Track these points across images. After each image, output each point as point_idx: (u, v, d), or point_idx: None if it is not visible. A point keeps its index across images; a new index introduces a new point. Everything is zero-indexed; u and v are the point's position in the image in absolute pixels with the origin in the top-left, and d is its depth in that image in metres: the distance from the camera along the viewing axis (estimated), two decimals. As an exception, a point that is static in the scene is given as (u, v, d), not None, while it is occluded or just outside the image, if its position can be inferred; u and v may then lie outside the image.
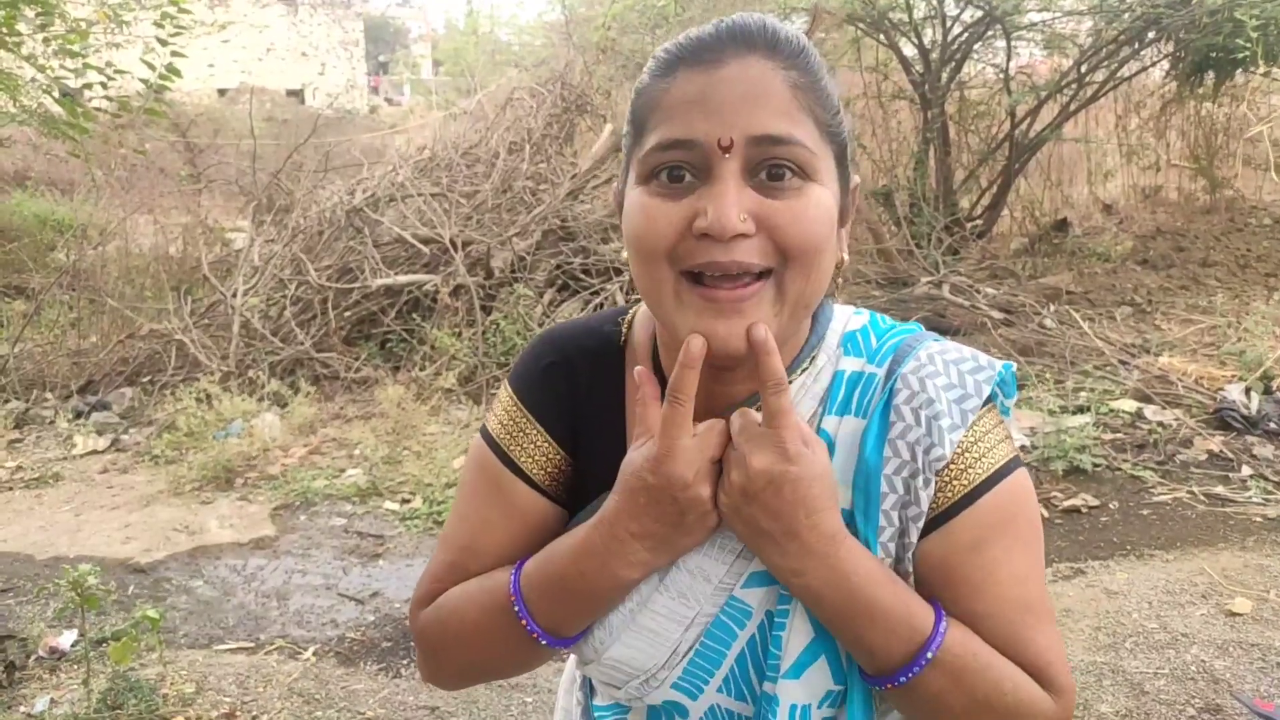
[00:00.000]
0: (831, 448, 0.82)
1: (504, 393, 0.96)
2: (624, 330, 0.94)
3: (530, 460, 0.92)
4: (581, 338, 0.94)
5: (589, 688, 1.00)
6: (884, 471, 0.80)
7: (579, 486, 0.92)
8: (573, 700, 1.04)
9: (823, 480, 0.76)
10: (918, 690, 0.78)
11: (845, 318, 0.90)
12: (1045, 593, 0.84)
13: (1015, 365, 0.88)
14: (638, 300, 0.91)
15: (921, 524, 0.80)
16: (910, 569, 0.82)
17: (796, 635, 0.81)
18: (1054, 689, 0.81)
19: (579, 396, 0.92)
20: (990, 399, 0.83)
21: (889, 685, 0.79)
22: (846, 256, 0.84)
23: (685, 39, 0.79)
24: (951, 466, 0.80)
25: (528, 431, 0.92)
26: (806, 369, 0.85)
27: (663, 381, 0.83)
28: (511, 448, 0.92)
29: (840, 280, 0.86)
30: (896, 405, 0.81)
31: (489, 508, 0.93)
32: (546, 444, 0.92)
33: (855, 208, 0.86)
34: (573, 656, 1.02)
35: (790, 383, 0.82)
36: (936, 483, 0.79)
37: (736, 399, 0.84)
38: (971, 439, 0.81)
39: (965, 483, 0.80)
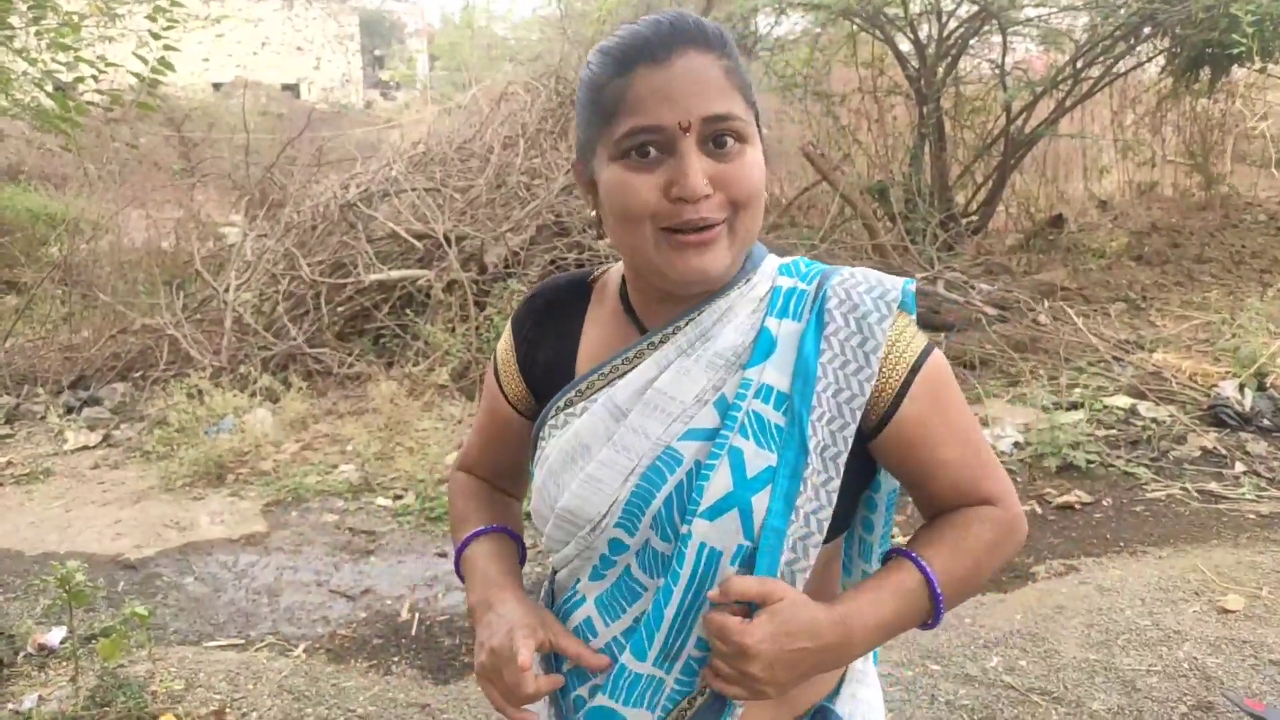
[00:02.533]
0: (773, 344, 1.02)
1: (506, 331, 1.22)
2: (594, 272, 1.20)
3: (510, 388, 1.20)
4: (562, 278, 1.22)
5: (550, 592, 1.19)
6: (820, 359, 1.00)
7: (542, 403, 1.16)
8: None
9: (796, 625, 0.96)
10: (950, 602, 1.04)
11: (777, 258, 1.13)
12: (985, 439, 1.11)
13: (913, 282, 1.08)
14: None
15: (858, 408, 0.99)
16: (842, 448, 0.99)
17: (718, 481, 0.98)
18: (1004, 505, 1.07)
19: (549, 316, 1.18)
20: (904, 300, 1.05)
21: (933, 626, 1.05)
22: (763, 193, 1.05)
23: (634, 37, 0.97)
24: (889, 353, 1.01)
25: (510, 363, 1.19)
26: (744, 284, 1.05)
27: (629, 310, 1.10)
28: (503, 377, 1.20)
29: (768, 217, 1.05)
30: (829, 309, 1.02)
31: (487, 416, 1.26)
32: (519, 379, 1.18)
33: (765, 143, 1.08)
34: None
35: (729, 292, 1.04)
36: (881, 372, 1.00)
37: (680, 308, 1.05)
38: (895, 333, 1.02)
39: (907, 361, 1.02)
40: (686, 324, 1.04)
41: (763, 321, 1.04)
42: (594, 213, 1.09)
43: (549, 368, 1.15)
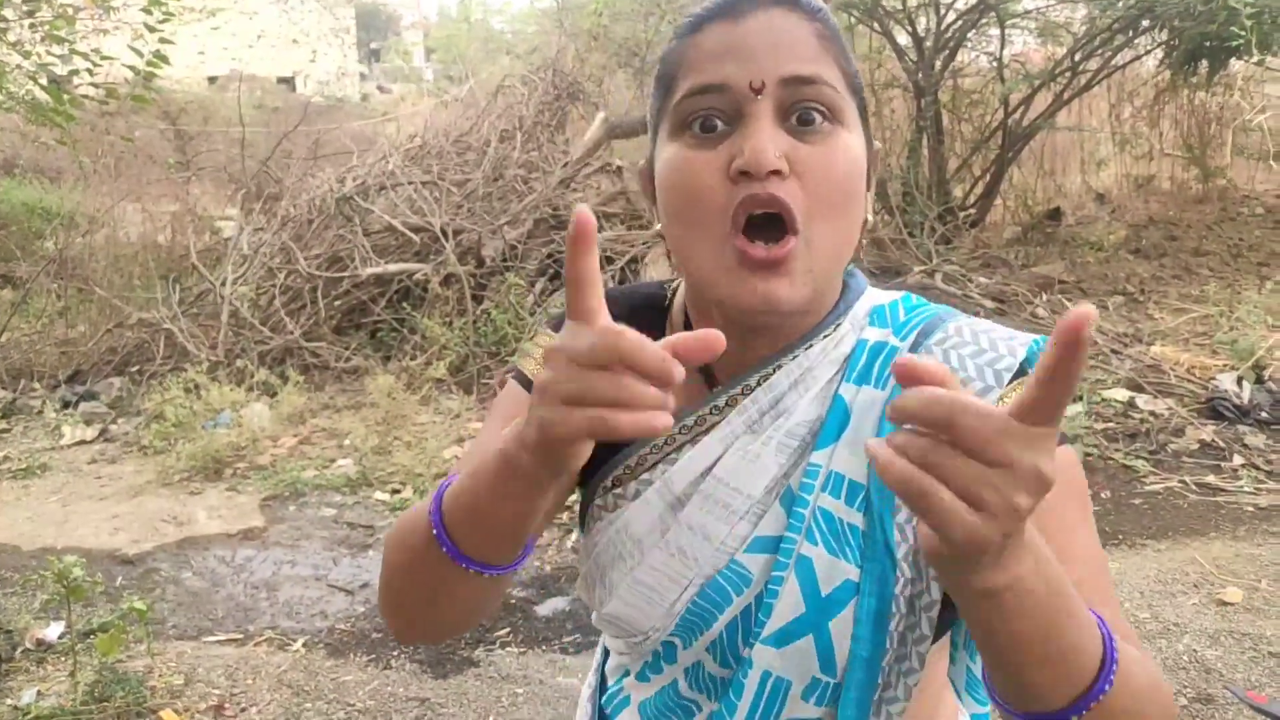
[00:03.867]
0: (846, 416, 0.79)
1: (542, 335, 0.91)
2: (669, 294, 0.94)
3: None
4: (628, 292, 0.95)
5: (601, 676, 0.99)
6: None
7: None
8: (585, 695, 1.03)
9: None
10: (1109, 703, 0.65)
11: (877, 293, 0.89)
12: (1109, 579, 0.78)
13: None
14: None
15: None
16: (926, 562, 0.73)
17: (786, 600, 0.77)
18: None
19: None
20: (1026, 369, 0.78)
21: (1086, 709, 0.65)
22: (871, 217, 0.83)
23: (710, 1, 0.80)
24: None
25: None
26: (829, 335, 0.82)
27: None
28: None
29: (864, 241, 0.85)
30: None
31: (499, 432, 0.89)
32: None
33: (876, 173, 0.86)
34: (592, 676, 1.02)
35: (810, 347, 0.81)
36: None
37: (749, 363, 0.82)
38: None
39: None
40: (758, 385, 0.81)
41: (836, 388, 0.81)
42: (658, 226, 0.84)
43: None
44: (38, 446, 5.28)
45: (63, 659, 3.02)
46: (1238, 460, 4.26)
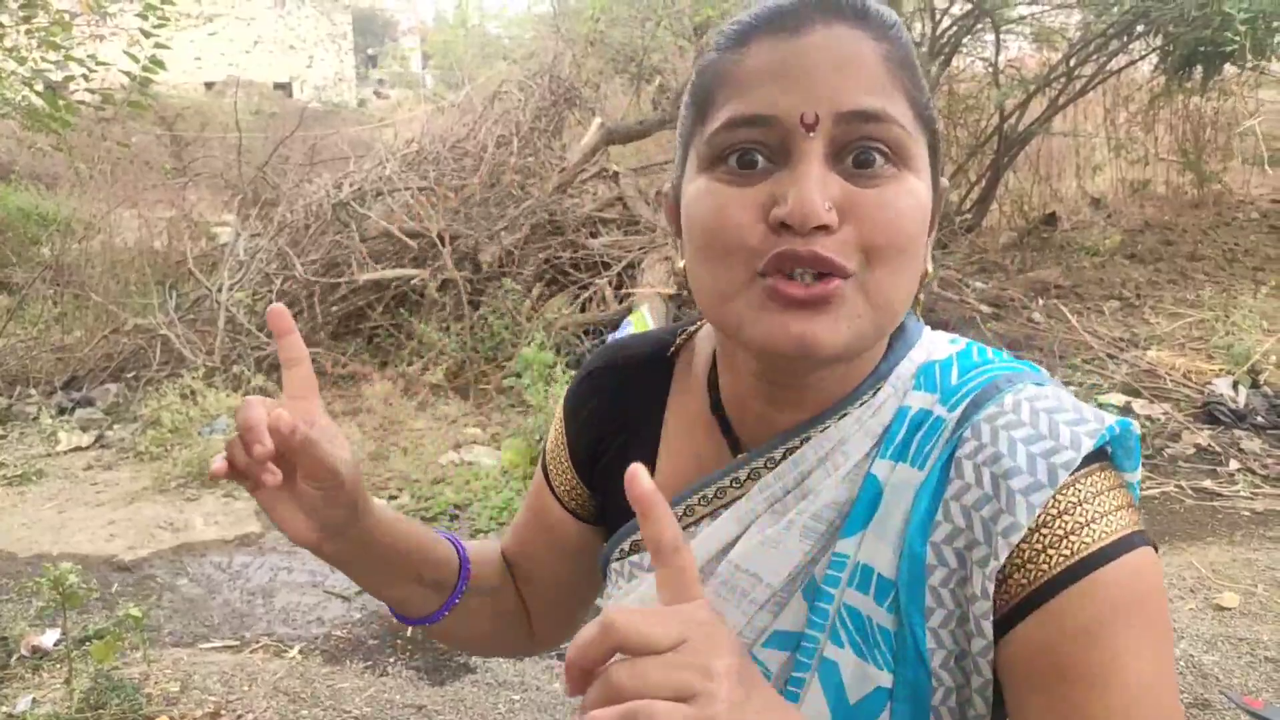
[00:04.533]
0: (879, 497, 0.69)
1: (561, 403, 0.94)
2: (678, 339, 0.86)
3: (560, 484, 0.90)
4: (635, 344, 0.89)
5: None
6: (931, 538, 0.66)
7: (603, 507, 0.88)
8: None
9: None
10: None
11: (933, 345, 0.76)
12: (1180, 711, 0.65)
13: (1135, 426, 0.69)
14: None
15: (988, 616, 0.64)
16: (977, 670, 0.66)
17: (810, 711, 0.69)
18: None
19: (616, 405, 0.87)
20: (1101, 457, 0.67)
21: None
22: (930, 268, 0.72)
23: (760, 8, 0.68)
24: (1041, 533, 0.63)
25: (560, 451, 0.90)
26: (866, 401, 0.71)
27: (717, 405, 0.79)
28: (551, 466, 0.91)
29: (920, 297, 0.75)
30: (958, 458, 0.66)
31: (530, 514, 0.94)
32: (571, 474, 0.89)
33: (939, 214, 0.75)
34: None
35: (845, 416, 0.71)
36: (1019, 557, 0.63)
37: (777, 428, 0.73)
38: (1073, 499, 0.64)
39: (1068, 551, 0.62)
40: (784, 458, 0.72)
41: (870, 466, 0.70)
42: (681, 265, 0.74)
43: (617, 476, 0.77)
44: (33, 453, 5.27)
45: (58, 666, 3.01)
46: (1234, 465, 4.27)
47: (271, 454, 0.67)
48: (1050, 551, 0.63)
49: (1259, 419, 4.65)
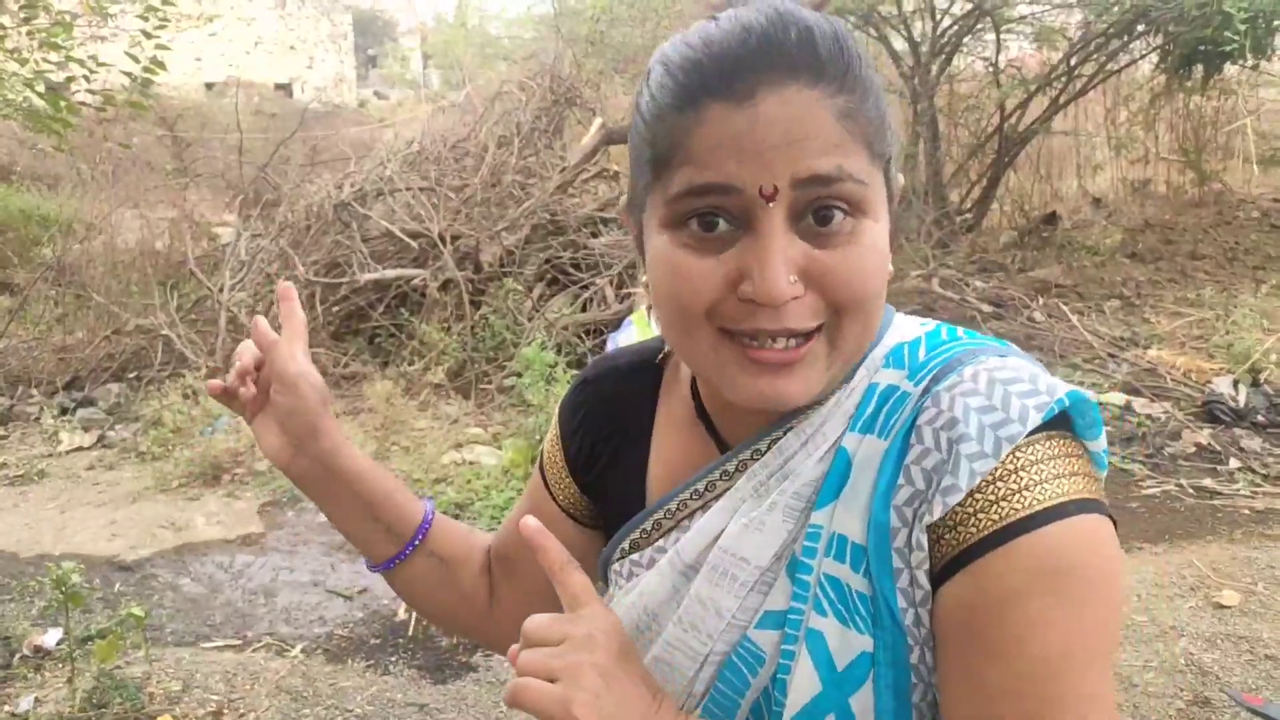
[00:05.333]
0: (848, 469, 0.72)
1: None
2: (667, 346, 0.88)
3: (558, 489, 0.94)
4: (626, 353, 0.93)
5: None
6: (893, 501, 0.68)
7: (602, 512, 0.92)
8: None
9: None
10: None
11: (904, 328, 0.79)
12: (1100, 692, 0.64)
13: (1092, 396, 0.70)
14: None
15: (923, 567, 0.67)
16: (921, 621, 0.69)
17: (801, 679, 0.71)
18: None
19: (608, 412, 0.91)
20: (1059, 425, 0.68)
21: None
22: (891, 269, 0.74)
23: (705, 54, 0.67)
24: (975, 497, 0.65)
25: (557, 460, 0.94)
26: (840, 388, 0.75)
27: (701, 409, 0.82)
28: (549, 472, 0.95)
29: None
30: (919, 425, 0.69)
31: (528, 511, 0.95)
32: (568, 479, 0.93)
33: (897, 207, 0.78)
34: None
35: (823, 404, 0.75)
36: (952, 518, 0.66)
37: (761, 425, 0.78)
38: (1010, 466, 0.65)
39: (998, 516, 0.64)
40: (769, 449, 0.76)
41: (840, 440, 0.73)
42: (644, 279, 0.88)
43: (613, 481, 0.90)
44: (35, 453, 5.28)
45: (61, 665, 3.02)
46: (1234, 464, 4.27)
47: (250, 368, 0.90)
48: (981, 515, 0.65)
49: (1259, 418, 4.65)
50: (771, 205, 0.65)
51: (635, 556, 0.84)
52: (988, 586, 0.64)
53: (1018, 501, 0.64)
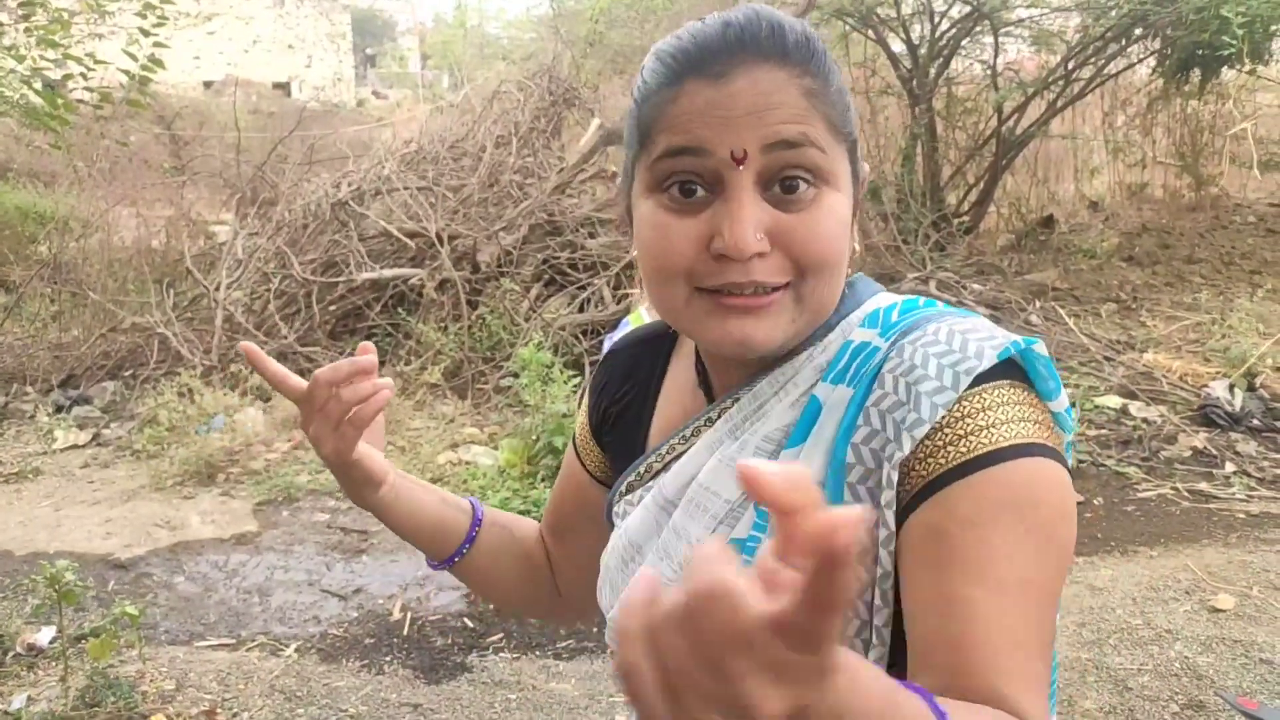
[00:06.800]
0: (818, 414, 0.78)
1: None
2: None
3: (587, 457, 1.04)
4: (647, 327, 1.02)
5: None
6: (851, 439, 0.74)
7: (616, 469, 1.00)
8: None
9: None
10: None
11: (883, 298, 0.85)
12: (1045, 620, 0.69)
13: (1045, 348, 0.75)
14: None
15: (892, 505, 0.71)
16: (879, 561, 0.72)
17: None
18: None
19: (625, 377, 1.00)
20: (1016, 377, 0.73)
21: None
22: (859, 247, 0.83)
23: (690, 43, 0.76)
24: (943, 432, 0.70)
25: (585, 427, 1.04)
26: (820, 341, 0.82)
27: (701, 370, 0.90)
28: (579, 440, 1.05)
29: (850, 271, 0.85)
30: (882, 374, 0.75)
31: (564, 484, 1.09)
32: (593, 444, 1.03)
33: (863, 193, 0.85)
34: None
35: (797, 356, 0.81)
36: (921, 450, 0.70)
37: (750, 370, 0.83)
38: (977, 405, 0.71)
39: (965, 449, 0.69)
40: (746, 396, 0.83)
41: (813, 389, 0.80)
42: (633, 253, 0.87)
43: (623, 436, 0.99)
44: (30, 451, 5.26)
45: (54, 664, 3.01)
46: (1230, 467, 4.28)
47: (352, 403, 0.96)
48: (949, 449, 0.70)
49: (1255, 422, 4.66)
50: (741, 169, 0.73)
51: (630, 497, 0.92)
52: (956, 512, 0.69)
53: (985, 437, 0.70)
